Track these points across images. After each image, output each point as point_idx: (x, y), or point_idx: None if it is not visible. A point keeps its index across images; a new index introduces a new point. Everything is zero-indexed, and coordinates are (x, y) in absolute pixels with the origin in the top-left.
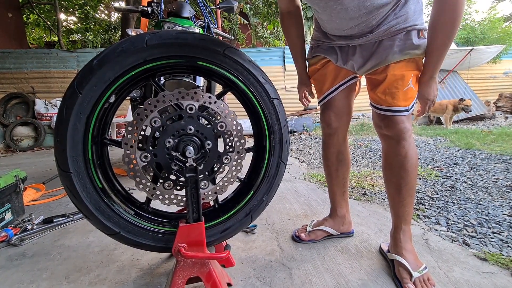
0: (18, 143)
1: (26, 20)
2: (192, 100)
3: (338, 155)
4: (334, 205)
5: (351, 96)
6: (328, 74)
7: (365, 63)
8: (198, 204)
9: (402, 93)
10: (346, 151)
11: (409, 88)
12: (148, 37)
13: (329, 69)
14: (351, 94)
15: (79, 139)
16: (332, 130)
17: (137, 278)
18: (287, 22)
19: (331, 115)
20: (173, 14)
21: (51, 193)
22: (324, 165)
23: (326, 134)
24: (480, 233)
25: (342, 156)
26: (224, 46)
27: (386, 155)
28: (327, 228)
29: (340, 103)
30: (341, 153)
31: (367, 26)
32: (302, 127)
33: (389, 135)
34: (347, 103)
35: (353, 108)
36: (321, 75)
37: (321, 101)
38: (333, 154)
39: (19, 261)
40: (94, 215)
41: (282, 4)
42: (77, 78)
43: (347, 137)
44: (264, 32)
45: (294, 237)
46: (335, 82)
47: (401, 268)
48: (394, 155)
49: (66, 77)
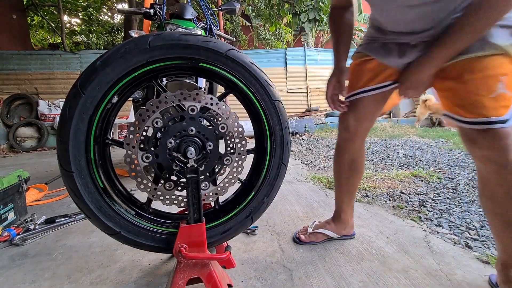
0: (21, 143)
1: (30, 22)
2: (194, 101)
3: (352, 164)
4: (339, 210)
5: (381, 104)
6: (367, 71)
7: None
8: (199, 205)
9: (491, 99)
10: (361, 159)
11: (501, 94)
12: (151, 39)
13: (368, 67)
14: (382, 102)
15: (81, 139)
16: (349, 134)
17: (138, 279)
18: (336, 18)
19: (350, 118)
20: (176, 16)
21: (53, 194)
22: (335, 170)
23: (342, 138)
24: (483, 235)
25: (356, 165)
26: (226, 48)
27: (485, 181)
28: (328, 232)
29: (367, 107)
30: (355, 161)
31: (433, 20)
32: (304, 128)
33: (487, 155)
34: (374, 109)
35: (376, 119)
36: (358, 70)
37: (348, 98)
38: (345, 162)
39: (21, 260)
40: (95, 214)
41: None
42: (81, 79)
43: (364, 145)
44: (266, 33)
45: (295, 238)
46: (371, 83)
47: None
48: (497, 184)
49: (69, 78)
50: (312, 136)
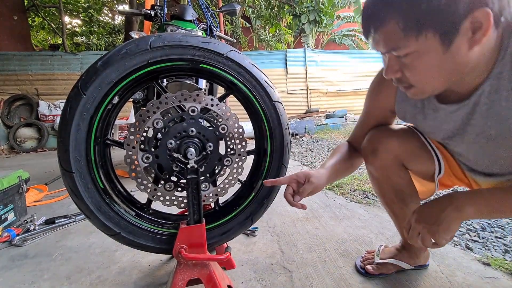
0: (22, 144)
1: (31, 23)
2: (194, 102)
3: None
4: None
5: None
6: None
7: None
8: (199, 205)
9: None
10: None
11: None
12: (152, 40)
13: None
14: None
15: (82, 139)
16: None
17: (137, 280)
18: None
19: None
20: (176, 17)
21: (53, 194)
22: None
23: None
24: (483, 237)
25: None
26: (226, 49)
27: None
28: (400, 263)
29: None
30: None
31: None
32: (304, 129)
33: None
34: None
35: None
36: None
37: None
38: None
39: (21, 261)
40: (95, 215)
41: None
42: (82, 79)
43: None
44: (266, 35)
45: (359, 268)
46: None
47: None
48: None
49: (69, 79)
50: (312, 137)
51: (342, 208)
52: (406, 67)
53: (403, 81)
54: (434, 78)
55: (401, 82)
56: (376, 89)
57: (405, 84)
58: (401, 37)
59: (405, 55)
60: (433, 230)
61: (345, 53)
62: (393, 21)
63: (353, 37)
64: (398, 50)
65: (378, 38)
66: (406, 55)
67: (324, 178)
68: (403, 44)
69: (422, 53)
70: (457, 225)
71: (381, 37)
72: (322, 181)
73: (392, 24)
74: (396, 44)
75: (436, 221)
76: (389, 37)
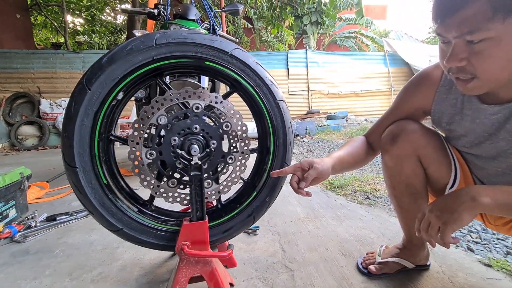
0: (23, 142)
1: (33, 21)
2: (198, 99)
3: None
4: (409, 232)
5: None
6: None
7: None
8: (202, 202)
9: None
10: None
11: None
12: (157, 36)
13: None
14: None
15: (86, 134)
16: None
17: (139, 277)
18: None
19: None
20: (179, 17)
21: (54, 192)
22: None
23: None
24: (485, 239)
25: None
26: (231, 47)
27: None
28: (402, 261)
29: None
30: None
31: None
32: (305, 130)
33: None
34: None
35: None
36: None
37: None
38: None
39: (22, 257)
40: (98, 210)
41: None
42: (87, 75)
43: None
44: (268, 36)
45: (361, 268)
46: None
47: None
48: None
49: (71, 77)
50: (313, 138)
51: (343, 208)
52: (477, 54)
53: (466, 71)
54: (504, 69)
55: (463, 72)
56: (414, 88)
57: (467, 75)
58: (487, 18)
59: (481, 40)
60: (445, 218)
61: (346, 54)
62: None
63: (355, 38)
64: (478, 33)
65: (457, 19)
66: (482, 40)
67: (329, 165)
68: (487, 27)
69: (501, 40)
70: (470, 216)
71: (464, 17)
72: (326, 167)
73: (482, 2)
74: (479, 26)
75: (450, 209)
76: (474, 17)
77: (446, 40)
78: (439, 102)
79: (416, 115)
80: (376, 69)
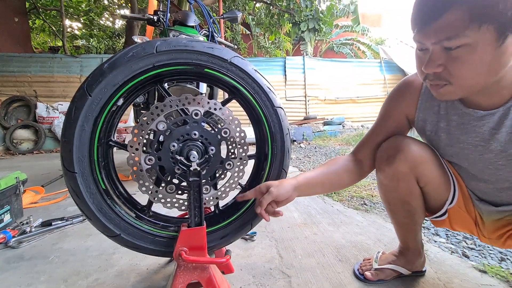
0: (18, 146)
1: (32, 25)
2: (198, 105)
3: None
4: (406, 242)
5: None
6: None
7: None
8: (200, 208)
9: None
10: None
11: None
12: (158, 44)
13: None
14: None
15: (86, 140)
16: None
17: (135, 283)
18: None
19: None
20: (179, 23)
21: (50, 197)
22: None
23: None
24: (479, 245)
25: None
26: (230, 55)
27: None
28: (398, 268)
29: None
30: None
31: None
32: (302, 136)
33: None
34: None
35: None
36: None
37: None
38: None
39: (16, 263)
40: (96, 216)
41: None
42: (88, 81)
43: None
44: (266, 42)
45: (357, 274)
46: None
47: None
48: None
49: (69, 81)
50: (310, 144)
51: (340, 214)
52: (453, 60)
53: (441, 77)
54: (479, 75)
55: (438, 79)
56: (398, 96)
57: (442, 81)
58: (464, 25)
59: (458, 47)
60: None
61: (343, 61)
62: (462, 7)
63: (351, 45)
64: (455, 40)
65: (436, 26)
66: (459, 47)
67: (289, 188)
68: (464, 33)
69: (477, 46)
70: None
71: (442, 24)
72: (285, 190)
73: (460, 10)
74: (456, 33)
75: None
76: (451, 24)
77: (424, 47)
78: (421, 110)
79: (404, 125)
80: (372, 76)
